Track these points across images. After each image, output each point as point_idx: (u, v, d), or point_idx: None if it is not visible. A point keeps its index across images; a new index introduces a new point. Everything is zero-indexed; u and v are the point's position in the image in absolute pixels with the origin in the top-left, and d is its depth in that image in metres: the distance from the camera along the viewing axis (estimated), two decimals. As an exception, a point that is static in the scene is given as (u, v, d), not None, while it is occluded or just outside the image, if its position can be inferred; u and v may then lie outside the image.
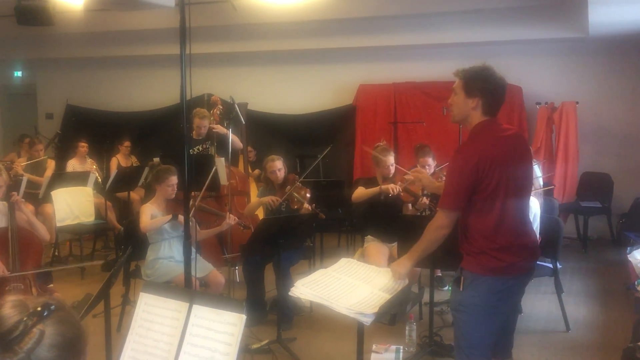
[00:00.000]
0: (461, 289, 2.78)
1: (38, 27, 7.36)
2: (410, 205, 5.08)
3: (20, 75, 11.95)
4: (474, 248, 2.77)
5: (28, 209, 4.27)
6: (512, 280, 2.78)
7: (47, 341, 1.23)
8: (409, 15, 7.95)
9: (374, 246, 5.02)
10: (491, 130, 2.78)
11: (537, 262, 4.70)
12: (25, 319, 1.22)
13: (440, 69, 8.40)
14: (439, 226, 2.82)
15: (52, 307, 1.26)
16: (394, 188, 4.84)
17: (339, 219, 7.38)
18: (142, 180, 7.40)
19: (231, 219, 4.73)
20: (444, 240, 2.86)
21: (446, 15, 7.87)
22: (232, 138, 5.70)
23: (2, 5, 7.44)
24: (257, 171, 7.87)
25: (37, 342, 1.22)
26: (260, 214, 5.64)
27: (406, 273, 2.99)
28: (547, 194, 6.23)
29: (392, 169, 5.05)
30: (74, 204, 6.68)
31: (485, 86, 2.74)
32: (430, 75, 8.53)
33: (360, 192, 5.07)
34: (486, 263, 2.72)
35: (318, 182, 6.80)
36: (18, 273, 3.65)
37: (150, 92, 10.22)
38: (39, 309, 1.24)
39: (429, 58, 8.67)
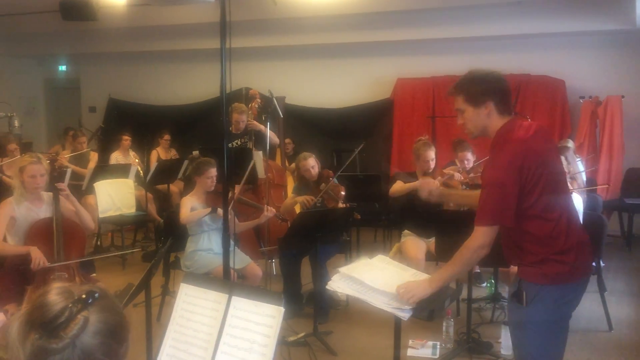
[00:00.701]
0: (524, 304, 2.47)
1: (82, 23, 7.53)
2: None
3: (65, 70, 12.26)
4: (532, 257, 2.48)
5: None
6: (578, 285, 2.53)
7: (91, 328, 1.25)
8: (449, 7, 7.85)
9: (412, 241, 4.98)
10: (521, 128, 2.52)
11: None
12: (70, 305, 1.23)
13: (481, 63, 8.22)
14: (479, 246, 2.48)
15: (96, 294, 1.27)
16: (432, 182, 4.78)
17: (375, 213, 7.35)
18: (181, 173, 7.52)
19: (269, 212, 4.76)
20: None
21: (488, 8, 7.74)
22: (269, 134, 5.73)
23: (48, 1, 7.64)
24: (294, 165, 7.90)
25: (82, 329, 1.23)
26: (297, 208, 5.66)
27: (421, 298, 2.54)
28: (590, 191, 6.08)
29: (432, 164, 5.00)
30: (116, 196, 6.83)
31: (488, 87, 2.54)
32: (470, 68, 8.38)
33: (398, 187, 5.03)
34: (550, 270, 2.44)
35: (355, 177, 6.79)
36: (62, 262, 3.74)
37: (190, 85, 10.36)
38: (83, 296, 1.25)
39: (470, 51, 8.54)
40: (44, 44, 10.90)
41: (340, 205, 5.07)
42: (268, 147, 5.74)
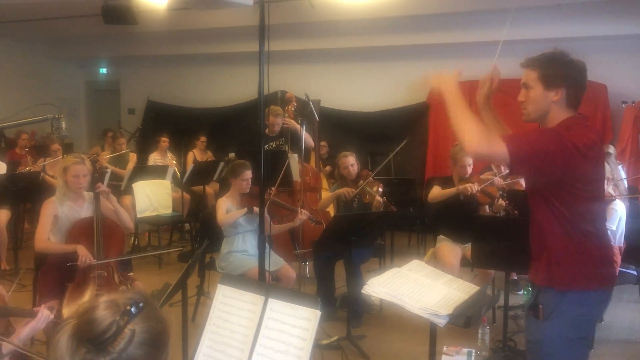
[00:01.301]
0: (541, 318, 2.34)
1: (123, 26, 7.69)
2: (487, 207, 4.97)
3: (105, 72, 12.55)
4: (554, 257, 2.36)
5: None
6: (597, 295, 2.37)
7: (136, 339, 1.27)
8: (485, 11, 7.75)
9: (447, 246, 4.94)
10: (582, 134, 2.29)
11: (620, 269, 4.52)
12: (117, 319, 1.26)
13: (519, 67, 8.15)
14: (483, 134, 2.31)
15: (140, 304, 1.29)
16: (471, 187, 4.75)
17: (410, 217, 7.30)
18: (217, 175, 7.60)
19: (303, 214, 4.78)
20: (521, 244, 2.57)
21: (525, 11, 7.61)
22: (305, 136, 5.76)
23: (90, 6, 7.82)
24: (328, 168, 7.91)
25: (129, 342, 1.26)
26: (332, 211, 5.67)
27: (442, 83, 2.50)
28: (633, 198, 5.92)
29: (469, 169, 4.95)
30: (153, 196, 6.95)
31: (569, 73, 2.34)
32: (508, 73, 8.24)
33: (437, 192, 4.99)
34: (570, 273, 2.32)
35: (389, 180, 6.75)
36: (102, 261, 3.82)
37: (226, 88, 10.48)
38: (129, 307, 1.27)
39: (507, 55, 8.38)
40: (86, 47, 11.19)
41: (378, 199, 5.04)
42: (303, 150, 5.77)
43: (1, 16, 9.15)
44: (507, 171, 5.28)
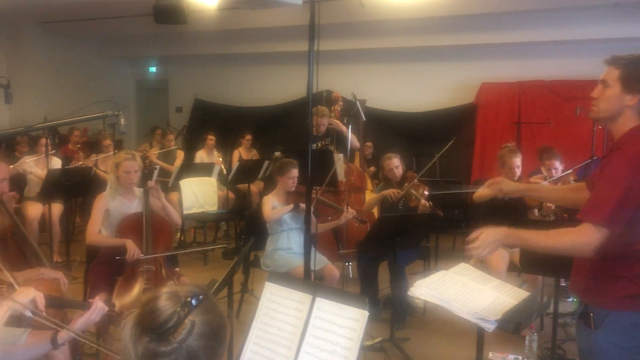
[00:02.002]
0: (592, 327, 2.24)
1: (173, 26, 7.83)
2: (536, 210, 4.85)
3: (155, 71, 12.81)
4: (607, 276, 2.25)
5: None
6: None
7: (196, 331, 1.31)
8: (538, 10, 7.58)
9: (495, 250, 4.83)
10: None
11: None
12: (178, 309, 1.30)
13: (571, 67, 7.94)
14: (585, 243, 2.14)
15: (200, 296, 1.33)
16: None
17: (455, 220, 7.20)
18: (261, 173, 7.66)
19: (349, 213, 4.77)
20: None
21: (579, 10, 7.41)
22: (351, 137, 5.74)
23: (141, 5, 8.00)
24: (372, 168, 7.87)
25: (189, 333, 1.30)
26: (376, 212, 5.63)
27: (490, 243, 2.32)
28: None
29: (518, 172, 4.85)
30: (199, 194, 7.05)
31: None
32: (560, 73, 8.08)
33: (482, 192, 4.90)
34: (620, 293, 2.22)
35: (435, 182, 6.68)
36: (151, 255, 3.89)
37: (272, 88, 10.56)
38: (189, 299, 1.31)
39: (559, 55, 8.22)
40: (137, 46, 11.45)
41: (423, 202, 4.99)
42: (349, 150, 5.75)
43: (57, 16, 9.47)
44: (558, 175, 5.17)
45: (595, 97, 2.33)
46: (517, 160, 4.87)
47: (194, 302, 1.31)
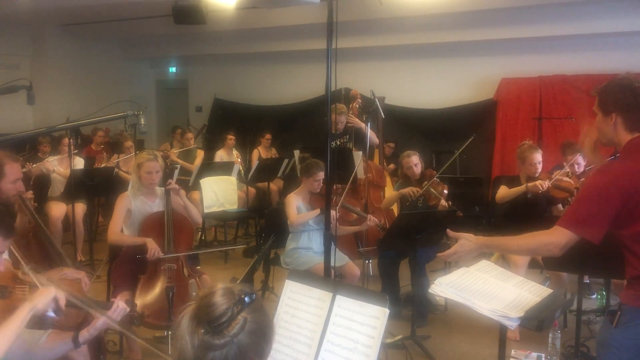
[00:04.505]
0: (614, 325, 2.31)
1: (192, 26, 7.89)
2: (560, 205, 4.79)
3: (174, 71, 12.92)
4: (632, 271, 2.32)
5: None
6: None
7: (247, 328, 1.39)
8: (556, 3, 7.48)
9: (516, 247, 4.79)
10: None
11: None
12: (232, 306, 1.38)
13: (593, 61, 7.84)
14: (552, 243, 2.32)
15: (253, 295, 1.41)
16: (542, 184, 4.61)
17: (475, 217, 7.14)
18: (280, 171, 7.68)
19: (371, 221, 4.76)
20: (595, 246, 2.35)
21: (601, 3, 7.30)
22: (370, 134, 5.73)
23: (161, 6, 8.07)
24: (392, 165, 7.85)
25: (241, 328, 1.38)
26: (395, 210, 5.61)
27: (465, 253, 2.60)
28: None
29: (539, 168, 4.80)
30: (219, 192, 7.09)
31: (618, 98, 2.33)
32: (582, 67, 7.97)
33: (505, 192, 4.87)
34: None
35: (455, 179, 6.63)
36: (172, 254, 3.93)
37: (290, 86, 10.58)
38: (242, 296, 1.40)
39: (580, 49, 8.11)
40: (157, 47, 11.56)
41: (443, 202, 4.97)
42: (367, 147, 5.74)
43: (79, 18, 9.60)
44: (582, 170, 5.10)
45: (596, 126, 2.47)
46: (538, 156, 4.82)
47: (247, 299, 1.39)
